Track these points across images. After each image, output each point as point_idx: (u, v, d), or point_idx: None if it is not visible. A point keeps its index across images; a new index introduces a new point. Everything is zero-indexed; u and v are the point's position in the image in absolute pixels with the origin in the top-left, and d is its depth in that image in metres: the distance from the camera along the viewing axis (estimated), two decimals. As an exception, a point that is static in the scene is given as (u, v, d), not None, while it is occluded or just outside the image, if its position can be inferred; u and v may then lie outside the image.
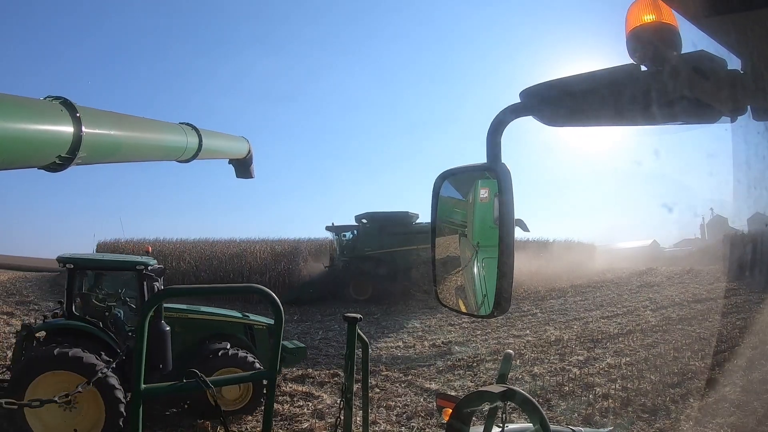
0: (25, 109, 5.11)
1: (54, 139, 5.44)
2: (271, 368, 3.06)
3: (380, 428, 8.25)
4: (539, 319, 18.09)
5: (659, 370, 11.10)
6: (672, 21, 1.10)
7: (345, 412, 3.85)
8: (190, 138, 8.66)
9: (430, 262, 1.63)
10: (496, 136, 1.26)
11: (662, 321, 17.01)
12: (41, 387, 7.15)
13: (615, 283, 27.88)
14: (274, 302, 3.01)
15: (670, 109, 1.15)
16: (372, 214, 23.06)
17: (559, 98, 1.22)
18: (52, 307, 10.86)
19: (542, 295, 22.91)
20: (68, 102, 5.70)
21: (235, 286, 7.89)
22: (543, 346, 13.89)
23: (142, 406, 2.66)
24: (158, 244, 26.19)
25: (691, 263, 33.97)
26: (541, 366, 11.87)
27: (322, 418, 8.49)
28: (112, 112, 6.79)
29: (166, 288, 2.91)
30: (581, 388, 10.11)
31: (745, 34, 1.05)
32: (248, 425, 8.33)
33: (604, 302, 21.62)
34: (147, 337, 2.65)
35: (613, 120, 1.25)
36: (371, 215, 23.05)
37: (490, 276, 1.37)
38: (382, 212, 23.17)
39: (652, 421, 8.39)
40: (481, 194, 1.50)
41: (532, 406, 2.05)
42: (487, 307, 1.42)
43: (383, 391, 9.56)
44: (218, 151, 10.39)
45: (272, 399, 3.10)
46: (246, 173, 12.23)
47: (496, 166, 1.27)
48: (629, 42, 1.15)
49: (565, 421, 8.09)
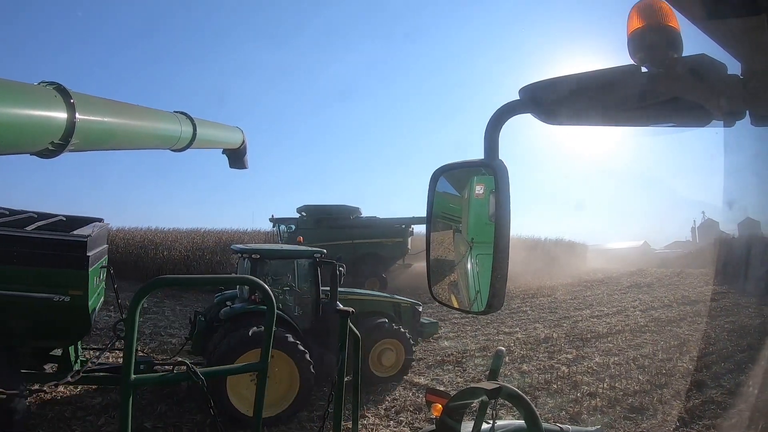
0: (18, 94, 5.06)
1: (47, 124, 5.40)
2: (263, 360, 3.06)
3: (369, 422, 8.27)
4: (529, 316, 18.16)
5: (647, 371, 11.18)
6: (674, 23, 1.10)
7: (335, 405, 3.85)
8: (184, 127, 8.62)
9: (368, 257, 1.62)
10: (495, 132, 1.26)
11: (651, 322, 17.12)
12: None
13: (605, 282, 28.03)
14: (267, 293, 3.01)
15: (668, 111, 1.15)
16: (310, 207, 22.75)
17: (559, 96, 1.22)
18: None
19: (532, 293, 23.00)
20: (62, 87, 5.65)
21: (229, 278, 7.84)
22: (532, 343, 13.95)
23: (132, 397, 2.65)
24: (150, 233, 26.15)
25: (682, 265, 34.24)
26: (529, 363, 11.92)
27: (311, 410, 8.50)
28: (106, 99, 6.74)
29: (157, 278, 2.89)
30: (569, 387, 10.17)
31: (747, 38, 1.05)
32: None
33: (593, 302, 21.73)
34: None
35: (612, 120, 1.25)
36: (309, 208, 22.68)
37: (483, 273, 1.37)
38: (320, 205, 22.81)
39: (639, 421, 8.45)
40: (477, 190, 1.50)
41: (522, 402, 2.06)
42: (480, 303, 1.42)
43: (372, 385, 9.56)
44: (212, 141, 10.35)
45: (263, 390, 3.10)
46: (240, 164, 12.20)
47: (494, 163, 1.27)
48: (630, 43, 1.15)
49: (552, 419, 8.12)
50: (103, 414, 7.89)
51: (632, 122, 1.25)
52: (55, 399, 8.29)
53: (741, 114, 1.17)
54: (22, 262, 6.94)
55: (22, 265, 6.90)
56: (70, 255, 7.20)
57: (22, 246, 7.04)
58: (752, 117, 1.18)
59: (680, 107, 1.14)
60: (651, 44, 1.12)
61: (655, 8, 1.12)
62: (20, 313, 6.86)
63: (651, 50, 1.12)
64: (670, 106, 1.14)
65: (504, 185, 1.25)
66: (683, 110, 1.15)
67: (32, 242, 7.21)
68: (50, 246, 7.21)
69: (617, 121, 1.26)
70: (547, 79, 1.23)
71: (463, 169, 1.51)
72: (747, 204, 1.65)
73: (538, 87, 1.24)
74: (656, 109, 1.16)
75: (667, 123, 1.22)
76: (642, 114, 1.19)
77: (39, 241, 7.24)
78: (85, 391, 8.74)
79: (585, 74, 1.18)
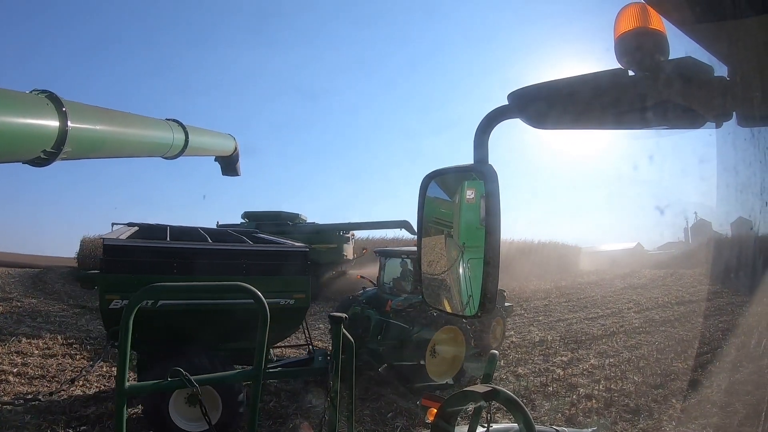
0: (9, 102, 5.04)
1: (39, 133, 5.38)
2: (257, 367, 3.05)
3: (365, 428, 8.25)
4: (523, 319, 18.14)
5: (642, 371, 11.20)
6: (660, 27, 1.11)
7: (330, 411, 3.84)
8: (177, 134, 8.62)
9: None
10: (484, 138, 1.27)
11: (645, 323, 17.16)
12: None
13: (599, 284, 28.07)
14: (260, 300, 3.00)
15: (656, 113, 1.16)
16: (252, 213, 22.59)
17: (547, 101, 1.23)
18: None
19: (526, 296, 22.99)
20: (54, 96, 5.64)
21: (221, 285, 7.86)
22: (527, 346, 13.94)
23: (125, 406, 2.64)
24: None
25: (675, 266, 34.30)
26: (525, 366, 11.91)
27: (307, 417, 8.46)
28: (98, 107, 6.73)
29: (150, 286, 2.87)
30: (565, 389, 10.17)
31: (732, 41, 1.06)
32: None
33: (588, 304, 21.76)
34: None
35: (600, 124, 1.25)
36: (251, 214, 22.51)
37: (475, 276, 1.37)
38: (262, 212, 22.60)
39: (635, 422, 8.45)
40: (468, 195, 1.50)
41: (516, 406, 2.06)
42: (472, 307, 1.42)
43: (367, 391, 9.54)
44: (204, 148, 10.36)
45: (257, 397, 3.09)
46: (232, 171, 12.22)
47: (483, 168, 1.27)
48: (617, 47, 1.16)
49: (548, 422, 8.13)
50: (98, 424, 7.83)
51: (622, 125, 1.26)
52: (49, 408, 8.22)
53: (728, 115, 1.18)
54: (254, 271, 7.96)
55: (254, 275, 7.80)
56: (296, 263, 8.41)
57: (255, 258, 8.28)
58: (739, 118, 1.19)
59: (668, 110, 1.15)
60: (638, 48, 1.13)
61: (641, 13, 1.13)
62: (250, 318, 7.22)
63: (638, 54, 1.13)
64: (658, 109, 1.15)
65: (494, 190, 1.26)
66: (672, 113, 1.16)
67: (265, 254, 8.53)
68: (279, 256, 8.53)
69: (606, 125, 1.27)
70: (534, 84, 1.24)
71: (454, 174, 1.52)
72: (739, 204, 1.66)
73: (525, 92, 1.25)
74: (645, 112, 1.17)
75: (660, 126, 1.23)
76: (631, 117, 1.20)
77: (271, 252, 8.66)
78: (78, 401, 8.68)
79: (572, 78, 1.19)
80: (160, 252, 7.77)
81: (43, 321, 15.38)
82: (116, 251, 7.39)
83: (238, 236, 10.36)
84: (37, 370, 10.40)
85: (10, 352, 11.59)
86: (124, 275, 7.12)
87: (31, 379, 9.93)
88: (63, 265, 26.14)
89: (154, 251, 7.72)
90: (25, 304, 17.42)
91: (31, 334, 13.29)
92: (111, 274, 7.21)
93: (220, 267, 7.78)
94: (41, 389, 9.19)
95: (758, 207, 1.49)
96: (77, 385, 9.32)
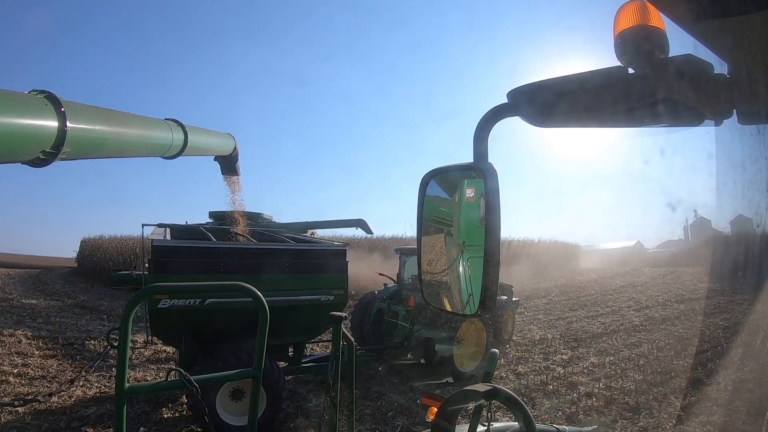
0: (8, 103, 5.03)
1: (38, 133, 5.38)
2: (257, 366, 3.04)
3: (365, 426, 8.24)
4: (523, 318, 18.14)
5: (642, 370, 11.20)
6: (660, 24, 1.11)
7: (330, 410, 3.84)
8: (176, 134, 8.61)
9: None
10: (483, 136, 1.26)
11: (645, 321, 17.18)
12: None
13: (599, 283, 28.10)
14: (259, 300, 2.99)
15: (656, 111, 1.15)
16: (216, 213, 22.80)
17: (546, 99, 1.22)
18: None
19: (526, 295, 22.98)
20: (53, 96, 5.63)
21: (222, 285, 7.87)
22: (527, 345, 13.95)
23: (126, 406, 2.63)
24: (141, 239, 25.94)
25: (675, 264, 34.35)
26: (525, 365, 11.91)
27: (307, 417, 8.46)
28: (97, 107, 6.72)
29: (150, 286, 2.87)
30: (565, 387, 10.17)
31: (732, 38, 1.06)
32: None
33: (587, 302, 21.78)
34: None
35: (600, 122, 1.25)
36: (216, 213, 22.73)
37: (475, 275, 1.37)
38: (224, 211, 22.95)
39: (635, 420, 8.45)
40: (467, 194, 1.50)
41: (517, 405, 2.06)
42: (472, 306, 1.42)
43: (366, 390, 9.54)
44: (204, 148, 10.35)
45: (257, 397, 3.08)
46: (232, 170, 12.22)
47: (483, 166, 1.27)
48: (617, 44, 1.15)
49: (549, 420, 8.13)
50: (98, 424, 7.82)
51: (622, 123, 1.25)
52: (49, 409, 8.22)
53: (728, 113, 1.18)
54: (298, 270, 8.39)
55: (297, 273, 8.34)
56: (335, 261, 8.82)
57: (298, 257, 8.58)
58: (739, 115, 1.18)
59: (669, 107, 1.15)
60: (638, 46, 1.12)
61: (641, 10, 1.12)
62: (293, 314, 7.97)
63: (638, 51, 1.13)
64: (659, 106, 1.15)
65: (494, 188, 1.25)
66: (672, 110, 1.15)
67: (307, 253, 8.84)
68: (320, 255, 8.92)
69: (606, 123, 1.26)
70: (534, 82, 1.24)
71: (453, 172, 1.51)
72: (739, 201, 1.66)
73: (525, 90, 1.24)
74: (645, 110, 1.16)
75: (660, 123, 1.23)
76: (631, 115, 1.19)
77: (313, 252, 9.00)
78: (79, 401, 8.68)
79: (572, 76, 1.19)
80: (209, 252, 7.89)
81: (43, 321, 15.40)
82: (165, 252, 7.54)
83: (247, 236, 10.70)
84: (37, 371, 10.40)
85: (10, 352, 11.60)
86: (173, 276, 7.24)
87: (32, 379, 9.93)
88: (63, 266, 26.17)
89: (203, 252, 7.86)
90: (25, 305, 17.42)
91: (31, 335, 13.29)
92: (160, 274, 7.32)
93: (265, 266, 7.99)
94: (41, 390, 9.19)
95: (764, 205, 1.49)
96: (77, 385, 9.33)
